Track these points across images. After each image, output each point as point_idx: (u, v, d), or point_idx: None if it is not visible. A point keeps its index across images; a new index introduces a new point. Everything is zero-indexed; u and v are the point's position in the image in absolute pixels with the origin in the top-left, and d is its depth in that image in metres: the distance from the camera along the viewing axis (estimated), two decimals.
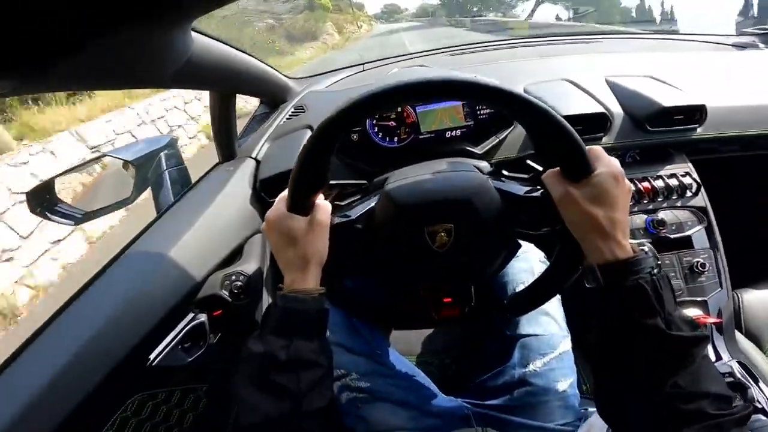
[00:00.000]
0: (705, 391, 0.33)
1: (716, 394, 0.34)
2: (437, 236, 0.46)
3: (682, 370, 0.34)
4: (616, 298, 0.38)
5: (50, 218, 0.87)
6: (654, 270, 0.37)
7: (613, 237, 0.38)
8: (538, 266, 0.67)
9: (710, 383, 0.34)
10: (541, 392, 0.57)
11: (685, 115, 0.77)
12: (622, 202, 0.39)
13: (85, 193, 1.06)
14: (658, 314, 0.35)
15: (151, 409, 0.57)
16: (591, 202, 0.39)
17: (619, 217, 0.39)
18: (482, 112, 0.74)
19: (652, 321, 0.35)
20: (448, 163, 0.53)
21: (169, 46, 0.44)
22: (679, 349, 0.35)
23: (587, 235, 0.40)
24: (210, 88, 0.72)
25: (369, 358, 0.61)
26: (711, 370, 0.35)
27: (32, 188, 0.85)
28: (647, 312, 0.35)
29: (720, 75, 0.92)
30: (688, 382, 0.34)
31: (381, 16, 45.49)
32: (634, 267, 0.37)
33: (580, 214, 0.40)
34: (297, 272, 0.43)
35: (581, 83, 0.83)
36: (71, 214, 0.89)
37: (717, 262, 0.73)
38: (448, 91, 0.40)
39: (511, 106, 0.40)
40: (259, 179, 0.73)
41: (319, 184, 0.44)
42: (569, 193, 0.40)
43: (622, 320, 0.37)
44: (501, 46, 1.14)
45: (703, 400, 0.33)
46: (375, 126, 0.72)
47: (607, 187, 0.39)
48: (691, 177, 0.75)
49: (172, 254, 0.61)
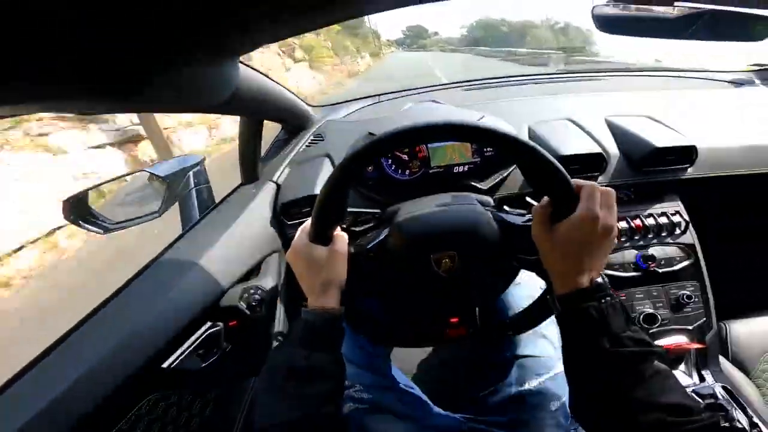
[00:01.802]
0: (660, 402, 0.36)
1: (675, 404, 0.36)
2: (442, 262, 0.51)
3: (635, 384, 0.37)
4: (568, 322, 0.43)
5: (82, 226, 0.95)
6: (605, 298, 0.41)
7: (569, 278, 0.43)
8: (537, 293, 0.71)
9: (666, 395, 0.37)
10: (535, 410, 0.60)
11: (676, 155, 0.81)
12: (587, 246, 0.43)
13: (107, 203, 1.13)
14: (604, 334, 0.39)
15: (163, 409, 0.61)
16: (558, 248, 0.44)
17: (580, 260, 0.43)
18: (488, 150, 0.79)
19: (598, 340, 0.39)
20: (453, 197, 0.59)
21: (221, 77, 0.50)
22: (627, 364, 0.38)
23: (551, 273, 0.46)
24: (247, 114, 0.78)
25: (372, 371, 0.65)
26: (667, 383, 0.38)
27: (69, 197, 0.93)
28: (593, 333, 0.40)
29: (714, 114, 0.96)
30: (644, 395, 0.37)
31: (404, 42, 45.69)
32: (583, 296, 0.42)
33: (546, 256, 0.45)
34: (320, 294, 0.49)
35: (582, 123, 0.88)
36: (101, 224, 0.96)
37: (703, 293, 0.77)
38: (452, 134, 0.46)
39: (510, 150, 0.45)
40: (280, 203, 0.79)
41: (339, 219, 0.50)
42: (542, 235, 0.45)
43: (576, 341, 0.42)
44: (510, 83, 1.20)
45: (661, 411, 0.36)
46: (389, 159, 0.78)
47: (573, 234, 0.42)
48: (680, 216, 0.79)
49: (195, 268, 0.66)
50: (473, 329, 0.59)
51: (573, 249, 0.43)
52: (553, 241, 0.44)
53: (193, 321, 0.62)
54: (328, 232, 0.50)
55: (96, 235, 0.97)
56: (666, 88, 1.10)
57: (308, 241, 0.50)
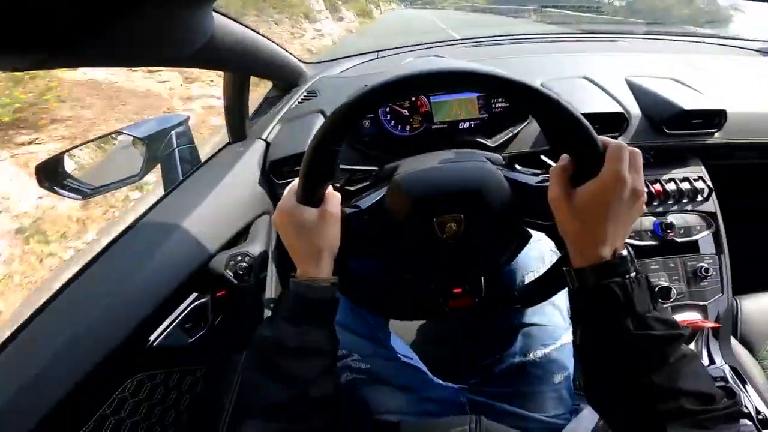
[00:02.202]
0: (682, 389, 0.33)
1: (697, 392, 0.33)
2: (447, 227, 0.46)
3: (657, 368, 0.34)
4: (588, 299, 0.38)
5: (59, 192, 0.88)
6: (629, 273, 0.37)
7: (588, 248, 0.38)
8: (548, 255, 0.66)
9: (689, 381, 0.34)
10: (537, 382, 0.58)
11: (704, 119, 0.76)
12: (613, 212, 0.37)
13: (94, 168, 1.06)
14: (628, 315, 0.35)
15: (149, 390, 0.57)
16: (578, 215, 0.38)
17: (602, 228, 0.37)
18: (497, 105, 0.73)
19: (622, 322, 0.35)
20: (457, 153, 0.53)
21: (191, 26, 0.43)
22: (650, 348, 0.35)
23: (568, 240, 0.40)
24: (227, 69, 0.71)
25: (370, 340, 0.62)
26: (691, 368, 0.35)
27: (41, 162, 0.86)
28: (616, 313, 0.35)
29: (743, 81, 0.91)
30: (664, 380, 0.34)
31: None
32: (605, 271, 0.37)
33: (564, 223, 0.40)
34: (310, 262, 0.44)
35: (600, 82, 0.82)
36: (80, 189, 0.89)
37: (721, 267, 0.73)
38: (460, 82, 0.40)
39: (527, 100, 0.39)
40: (269, 161, 0.73)
41: (329, 177, 0.44)
42: (561, 197, 0.39)
43: (594, 321, 0.38)
44: (520, 40, 1.12)
45: (681, 398, 0.33)
46: (388, 113, 0.72)
47: (596, 199, 0.37)
48: (703, 182, 0.74)
49: (177, 233, 0.61)
50: (478, 300, 0.55)
51: (595, 216, 0.37)
52: (573, 205, 0.38)
53: (176, 292, 0.58)
54: (318, 191, 0.44)
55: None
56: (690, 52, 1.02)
57: (296, 203, 0.44)
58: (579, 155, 0.38)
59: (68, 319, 0.50)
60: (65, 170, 0.89)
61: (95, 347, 0.49)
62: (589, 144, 0.37)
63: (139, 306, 0.54)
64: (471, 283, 0.54)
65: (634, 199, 0.37)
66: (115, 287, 0.54)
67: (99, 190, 0.90)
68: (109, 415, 0.52)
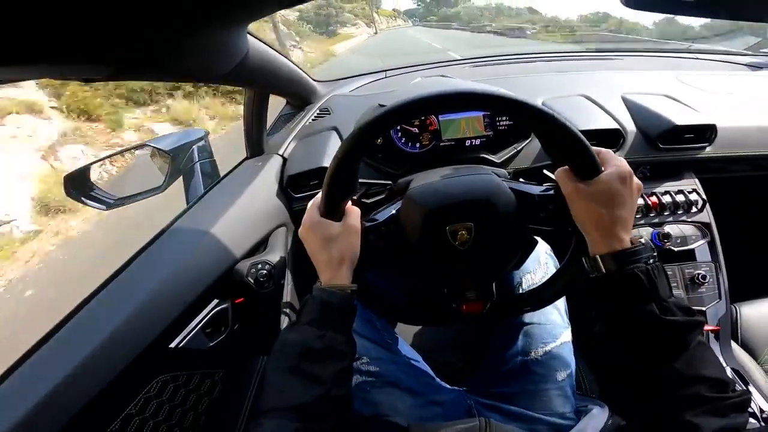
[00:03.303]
0: (701, 374, 0.35)
1: (713, 378, 0.35)
2: (458, 234, 0.49)
3: (678, 354, 0.36)
4: (614, 285, 0.41)
5: (84, 202, 0.93)
6: (650, 260, 0.40)
7: (613, 232, 0.42)
8: (544, 258, 0.70)
9: (706, 367, 0.36)
10: (541, 380, 0.60)
11: (695, 133, 0.79)
12: (626, 200, 0.42)
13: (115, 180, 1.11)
14: (653, 300, 0.38)
15: (171, 391, 0.60)
16: (596, 200, 0.42)
17: (621, 214, 0.42)
18: (501, 123, 0.77)
19: (647, 306, 0.38)
20: (466, 168, 0.57)
21: (230, 45, 0.49)
22: (674, 334, 0.37)
23: (590, 230, 0.44)
24: (254, 87, 0.76)
25: (379, 344, 0.64)
26: (707, 355, 0.37)
27: (69, 173, 0.91)
28: (642, 298, 0.38)
29: (733, 95, 0.94)
30: (684, 367, 0.36)
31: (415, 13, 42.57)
32: (630, 257, 0.40)
33: (585, 211, 0.43)
34: (333, 271, 0.48)
35: (598, 99, 0.86)
36: (104, 199, 0.94)
37: (717, 274, 0.75)
38: (469, 103, 0.44)
39: (524, 114, 0.44)
40: (286, 176, 0.77)
41: (350, 192, 0.48)
42: (577, 190, 0.43)
43: (620, 306, 0.40)
44: (521, 60, 1.17)
45: (700, 384, 0.35)
46: (399, 131, 0.76)
47: (613, 187, 0.42)
48: (697, 194, 0.77)
49: (201, 243, 0.65)
50: (490, 304, 0.57)
51: (613, 201, 0.42)
52: (595, 193, 0.42)
53: (200, 298, 0.61)
54: (339, 206, 0.48)
55: None
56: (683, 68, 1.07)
57: (320, 217, 0.49)
58: (578, 158, 0.43)
59: (102, 321, 0.53)
60: (91, 181, 0.94)
61: (126, 348, 0.52)
62: (582, 148, 0.43)
63: (166, 310, 0.57)
64: (483, 287, 0.57)
65: (637, 189, 0.43)
66: (145, 292, 0.57)
67: (123, 201, 0.95)
68: (135, 415, 0.53)
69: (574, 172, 0.44)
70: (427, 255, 0.52)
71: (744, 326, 0.78)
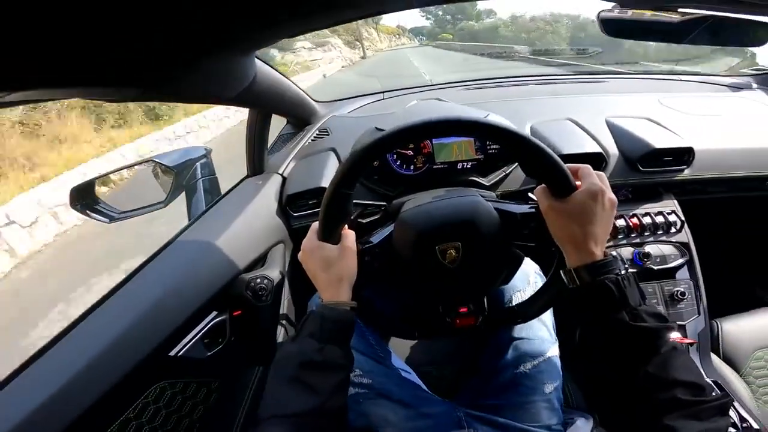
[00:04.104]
0: (677, 378, 0.37)
1: (689, 382, 0.37)
2: (447, 253, 0.53)
3: (650, 358, 0.39)
4: (588, 295, 0.44)
5: (89, 215, 0.95)
6: (620, 271, 0.43)
7: (585, 246, 0.45)
8: (533, 277, 0.73)
9: (681, 372, 0.38)
10: (529, 392, 0.62)
11: (674, 156, 0.84)
12: (598, 216, 0.46)
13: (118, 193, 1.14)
14: (623, 308, 0.41)
15: (168, 397, 0.62)
16: (570, 216, 0.46)
17: (593, 229, 0.45)
18: (491, 147, 0.81)
19: (618, 314, 0.41)
20: (454, 191, 0.61)
21: (241, 68, 0.53)
22: (645, 339, 0.40)
23: (565, 244, 0.47)
24: (259, 107, 0.80)
25: (372, 357, 0.67)
26: (681, 360, 0.39)
27: (75, 186, 0.94)
28: (613, 306, 0.42)
29: (713, 117, 0.98)
30: (658, 370, 0.38)
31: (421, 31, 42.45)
32: (601, 269, 0.44)
33: (560, 227, 0.47)
34: (333, 290, 0.51)
35: (583, 123, 0.90)
36: (107, 213, 0.97)
37: (696, 291, 0.79)
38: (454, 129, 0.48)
39: (503, 139, 0.48)
40: (285, 195, 0.81)
41: (345, 217, 0.52)
42: (552, 208, 0.47)
43: (594, 314, 0.44)
44: (513, 83, 1.21)
45: (676, 388, 0.37)
46: (394, 154, 0.80)
47: (585, 204, 0.45)
48: (676, 215, 0.81)
49: (202, 257, 0.68)
50: (482, 318, 0.60)
51: (586, 218, 0.45)
52: (568, 210, 0.46)
53: (200, 309, 0.64)
54: (336, 230, 0.52)
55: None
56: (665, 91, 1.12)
57: (319, 242, 0.52)
58: (552, 178, 0.47)
59: (107, 328, 0.56)
60: (96, 194, 0.97)
61: (129, 354, 0.54)
62: (556, 169, 0.47)
63: (168, 320, 0.60)
64: (474, 302, 0.60)
65: (611, 206, 0.46)
66: (149, 301, 0.59)
67: (126, 215, 0.97)
68: (132, 419, 0.56)
69: (551, 191, 0.48)
70: (419, 273, 0.56)
71: (725, 340, 0.81)
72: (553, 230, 0.48)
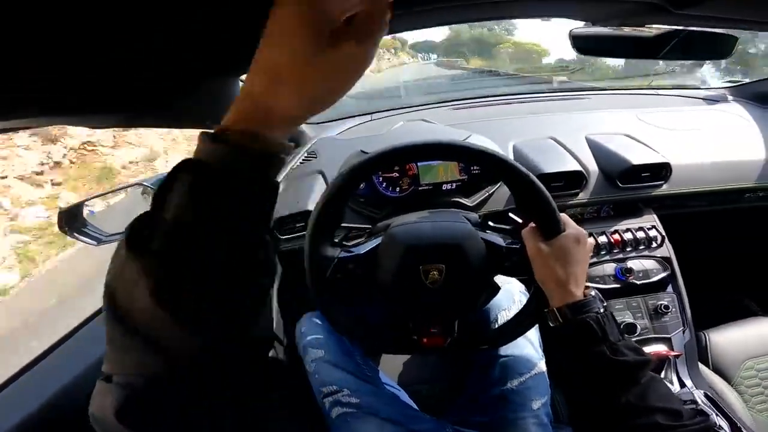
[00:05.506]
0: (656, 406, 0.40)
1: (668, 408, 0.39)
2: (430, 274, 0.54)
3: (629, 389, 0.41)
4: (569, 333, 0.47)
5: (76, 237, 0.95)
6: (600, 309, 0.46)
7: (567, 287, 0.48)
8: (518, 296, 0.75)
9: (659, 399, 0.40)
10: (518, 409, 0.62)
11: (652, 172, 0.86)
12: (580, 259, 0.49)
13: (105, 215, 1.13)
14: (603, 343, 0.43)
15: None
16: (555, 258, 0.49)
17: (575, 271, 0.48)
18: (475, 168, 0.83)
19: (598, 348, 0.43)
20: (443, 213, 0.63)
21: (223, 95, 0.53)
22: (624, 371, 0.42)
23: (549, 285, 0.50)
24: None
25: (359, 377, 0.67)
26: (659, 389, 0.42)
27: (63, 208, 0.93)
28: (593, 341, 0.44)
29: (690, 131, 1.01)
30: (638, 399, 0.40)
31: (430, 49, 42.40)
32: (582, 308, 0.46)
33: (544, 268, 0.50)
34: None
35: (564, 141, 0.93)
36: (95, 236, 0.96)
37: (680, 304, 0.80)
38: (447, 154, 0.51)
39: (502, 171, 0.50)
40: (274, 218, 0.80)
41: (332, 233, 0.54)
42: (539, 250, 0.50)
43: (576, 350, 0.46)
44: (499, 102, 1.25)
45: (654, 414, 0.39)
46: (380, 176, 0.81)
47: (570, 247, 0.49)
48: (656, 230, 0.83)
49: None
50: (450, 341, 0.61)
51: (568, 259, 0.48)
52: (553, 253, 0.49)
53: None
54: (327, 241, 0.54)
55: None
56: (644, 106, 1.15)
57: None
58: (545, 220, 0.50)
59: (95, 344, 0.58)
60: (83, 217, 0.96)
61: None
62: (550, 211, 0.50)
63: None
64: (446, 324, 0.61)
65: (590, 248, 0.51)
66: None
67: (114, 237, 0.97)
68: None
69: (540, 231, 0.51)
70: (398, 289, 0.57)
71: (714, 351, 0.82)
72: (537, 271, 0.51)
